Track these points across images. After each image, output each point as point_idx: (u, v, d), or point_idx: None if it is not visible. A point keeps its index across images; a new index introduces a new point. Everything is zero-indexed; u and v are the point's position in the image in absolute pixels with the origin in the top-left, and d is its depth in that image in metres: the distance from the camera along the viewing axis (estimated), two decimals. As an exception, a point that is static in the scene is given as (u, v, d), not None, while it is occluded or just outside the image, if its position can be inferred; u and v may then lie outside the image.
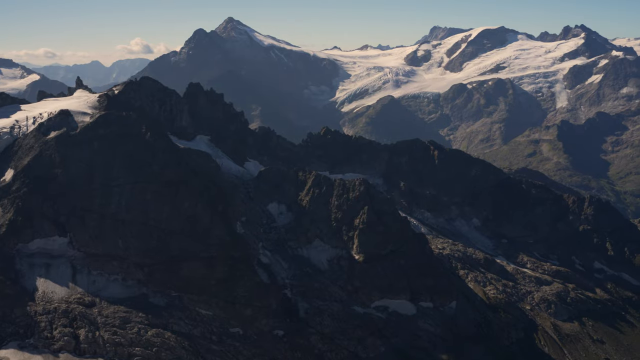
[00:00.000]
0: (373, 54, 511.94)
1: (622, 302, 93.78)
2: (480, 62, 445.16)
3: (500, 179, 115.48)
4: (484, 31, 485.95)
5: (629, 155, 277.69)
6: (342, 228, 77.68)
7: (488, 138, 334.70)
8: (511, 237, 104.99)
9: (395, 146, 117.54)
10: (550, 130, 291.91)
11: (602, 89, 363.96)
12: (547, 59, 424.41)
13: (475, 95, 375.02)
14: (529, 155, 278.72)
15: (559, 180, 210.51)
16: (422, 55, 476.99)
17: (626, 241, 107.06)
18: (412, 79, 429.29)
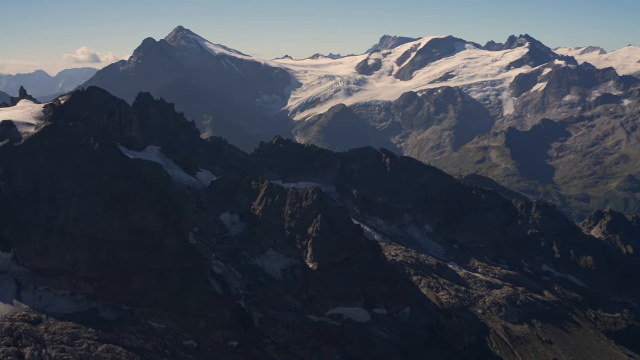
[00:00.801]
0: (324, 63, 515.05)
1: (569, 303, 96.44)
2: (429, 71, 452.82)
3: (451, 186, 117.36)
4: (432, 40, 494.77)
5: (573, 161, 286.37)
6: (296, 237, 77.52)
7: (438, 145, 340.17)
8: (462, 242, 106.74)
9: (348, 154, 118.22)
10: (498, 137, 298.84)
11: (547, 97, 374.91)
12: (494, 68, 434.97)
13: (425, 103, 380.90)
14: (478, 161, 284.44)
15: (507, 186, 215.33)
16: (373, 64, 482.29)
17: (571, 244, 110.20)
18: (363, 88, 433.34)
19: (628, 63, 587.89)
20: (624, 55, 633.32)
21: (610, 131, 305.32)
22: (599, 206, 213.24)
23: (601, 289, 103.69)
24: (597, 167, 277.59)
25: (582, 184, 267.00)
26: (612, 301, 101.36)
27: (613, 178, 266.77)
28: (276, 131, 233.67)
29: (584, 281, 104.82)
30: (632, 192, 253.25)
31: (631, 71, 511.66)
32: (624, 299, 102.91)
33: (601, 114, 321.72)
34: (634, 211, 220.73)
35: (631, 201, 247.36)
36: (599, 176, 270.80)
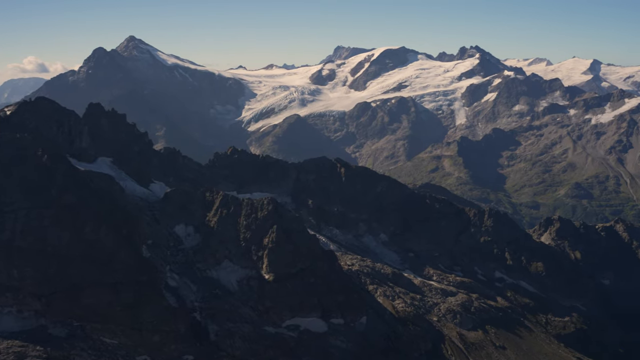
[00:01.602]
0: (278, 73, 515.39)
1: (521, 308, 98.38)
2: (383, 81, 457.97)
3: (406, 195, 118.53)
4: (386, 51, 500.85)
5: (523, 169, 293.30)
6: (251, 248, 76.98)
7: (393, 155, 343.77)
8: (417, 250, 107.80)
9: (303, 164, 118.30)
10: (451, 147, 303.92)
11: (497, 107, 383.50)
12: (446, 78, 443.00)
13: (379, 113, 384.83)
14: (432, 170, 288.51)
15: (460, 194, 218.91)
16: (327, 75, 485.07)
17: (523, 250, 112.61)
18: (318, 98, 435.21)
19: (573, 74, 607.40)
20: (569, 66, 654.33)
21: (557, 140, 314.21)
22: (548, 213, 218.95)
23: (551, 294, 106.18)
24: (546, 175, 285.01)
25: (532, 191, 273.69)
26: (562, 305, 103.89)
27: (561, 186, 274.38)
28: (231, 142, 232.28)
29: (535, 287, 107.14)
30: (579, 199, 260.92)
31: (576, 82, 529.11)
32: (572, 303, 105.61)
33: (549, 123, 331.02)
34: (581, 217, 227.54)
35: (578, 208, 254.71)
36: (547, 184, 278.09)
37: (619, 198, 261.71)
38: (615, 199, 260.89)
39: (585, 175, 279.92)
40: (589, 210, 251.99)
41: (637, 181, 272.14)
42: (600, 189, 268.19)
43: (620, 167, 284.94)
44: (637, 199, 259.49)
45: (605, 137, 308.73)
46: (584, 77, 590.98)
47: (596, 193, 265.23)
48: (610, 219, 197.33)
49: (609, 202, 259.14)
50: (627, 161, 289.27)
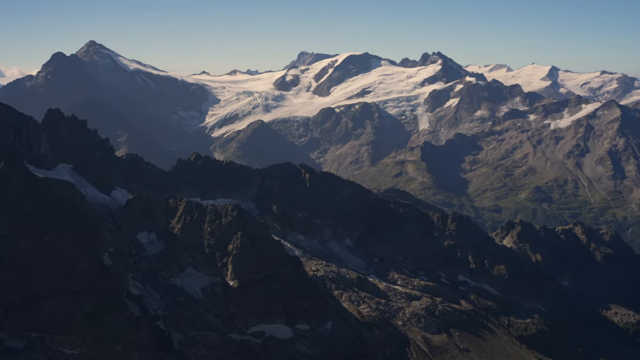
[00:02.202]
0: (242, 79, 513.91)
1: (484, 311, 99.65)
2: (347, 87, 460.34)
3: (370, 200, 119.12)
4: (349, 57, 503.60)
5: (485, 174, 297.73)
6: (216, 254, 76.33)
7: (357, 160, 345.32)
8: (382, 255, 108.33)
9: (267, 170, 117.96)
10: (415, 152, 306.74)
11: (459, 112, 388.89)
12: (409, 84, 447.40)
13: (343, 119, 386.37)
14: (396, 175, 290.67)
15: (424, 199, 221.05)
16: (291, 80, 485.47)
17: (485, 254, 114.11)
18: (282, 104, 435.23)
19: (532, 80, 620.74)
20: (529, 72, 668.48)
21: (518, 145, 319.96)
22: (510, 217, 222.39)
23: (513, 296, 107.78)
24: (507, 180, 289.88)
25: (494, 195, 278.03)
26: (524, 307, 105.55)
27: (522, 190, 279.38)
28: (194, 148, 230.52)
29: (498, 289, 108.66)
30: (540, 203, 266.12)
31: (535, 88, 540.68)
32: (534, 305, 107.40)
33: (510, 128, 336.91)
34: (542, 220, 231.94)
35: (539, 211, 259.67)
36: (509, 188, 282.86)
37: (577, 201, 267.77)
38: (573, 202, 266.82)
39: (545, 179, 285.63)
40: (549, 214, 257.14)
41: (594, 185, 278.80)
42: (560, 192, 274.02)
43: (578, 171, 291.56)
44: (594, 202, 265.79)
45: (563, 141, 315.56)
46: (543, 83, 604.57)
47: (555, 196, 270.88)
48: (569, 221, 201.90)
49: (568, 205, 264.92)
50: (585, 165, 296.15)
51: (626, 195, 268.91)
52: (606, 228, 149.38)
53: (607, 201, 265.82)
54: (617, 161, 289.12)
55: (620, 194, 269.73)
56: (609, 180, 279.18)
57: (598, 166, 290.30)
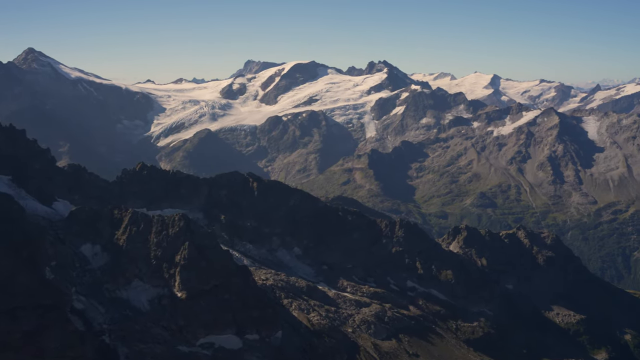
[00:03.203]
0: (188, 88, 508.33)
1: (432, 316, 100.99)
2: (294, 95, 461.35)
3: (318, 208, 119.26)
4: (296, 65, 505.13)
5: (431, 180, 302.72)
6: (163, 266, 74.92)
7: (305, 168, 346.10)
8: (331, 263, 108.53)
9: (214, 179, 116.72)
10: (362, 159, 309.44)
11: (405, 120, 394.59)
12: (356, 92, 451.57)
13: (290, 127, 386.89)
14: (344, 183, 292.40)
15: (372, 206, 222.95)
16: (238, 89, 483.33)
17: (433, 259, 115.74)
18: (229, 112, 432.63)
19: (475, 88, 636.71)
20: (472, 81, 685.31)
21: (463, 152, 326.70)
22: (456, 222, 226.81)
23: (460, 301, 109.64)
24: (453, 186, 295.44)
25: (441, 202, 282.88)
26: (471, 311, 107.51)
27: (467, 195, 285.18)
28: (139, 157, 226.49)
29: (445, 294, 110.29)
30: (484, 208, 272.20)
31: (478, 96, 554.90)
32: (480, 309, 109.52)
33: (454, 135, 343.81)
34: (486, 225, 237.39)
35: (483, 217, 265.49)
36: (455, 194, 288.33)
37: (520, 206, 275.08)
38: (516, 207, 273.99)
39: (489, 185, 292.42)
40: (493, 219, 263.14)
41: (535, 190, 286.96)
42: (503, 197, 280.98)
43: (521, 176, 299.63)
44: (535, 207, 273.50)
45: (506, 148, 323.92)
46: (486, 91, 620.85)
47: (499, 202, 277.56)
48: (512, 226, 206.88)
49: (511, 210, 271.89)
50: (526, 171, 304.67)
51: (565, 200, 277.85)
52: (547, 232, 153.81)
53: (548, 205, 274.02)
54: (556, 167, 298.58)
55: (560, 199, 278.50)
56: (549, 185, 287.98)
57: (539, 172, 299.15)
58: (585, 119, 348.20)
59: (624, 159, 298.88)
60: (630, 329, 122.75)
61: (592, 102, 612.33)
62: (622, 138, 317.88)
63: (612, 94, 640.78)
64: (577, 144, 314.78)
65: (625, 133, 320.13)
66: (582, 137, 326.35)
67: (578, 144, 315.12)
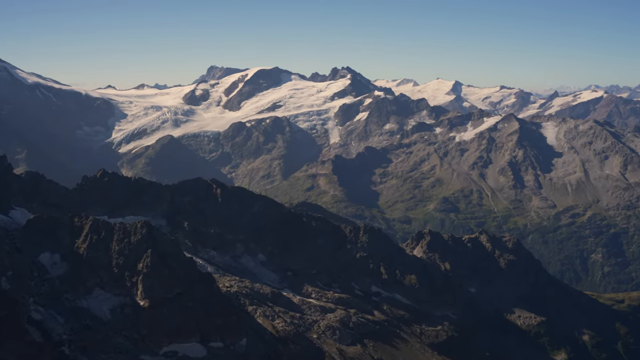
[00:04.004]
0: (150, 93, 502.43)
1: (397, 320, 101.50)
2: (257, 101, 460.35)
3: (283, 214, 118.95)
4: (259, 71, 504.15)
5: (395, 186, 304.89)
6: (125, 274, 73.73)
7: (269, 174, 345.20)
8: (296, 269, 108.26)
9: (178, 186, 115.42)
10: (326, 165, 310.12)
11: (369, 126, 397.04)
12: (319, 98, 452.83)
13: (254, 133, 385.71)
14: (308, 189, 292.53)
15: (336, 212, 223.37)
16: (201, 95, 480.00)
17: (397, 264, 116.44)
18: (192, 118, 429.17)
19: (437, 94, 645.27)
20: (434, 87, 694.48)
21: (426, 157, 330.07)
22: (420, 227, 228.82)
23: (425, 305, 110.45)
24: (416, 191, 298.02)
25: (404, 207, 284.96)
26: (435, 315, 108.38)
27: (430, 200, 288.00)
28: (100, 164, 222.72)
29: (410, 299, 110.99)
30: (447, 213, 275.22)
31: (440, 102, 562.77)
32: (444, 312, 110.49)
33: (417, 141, 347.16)
34: (449, 230, 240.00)
35: (446, 221, 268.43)
36: (418, 199, 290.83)
37: (482, 211, 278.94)
38: (478, 212, 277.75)
39: (451, 190, 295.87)
40: (456, 223, 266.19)
41: (497, 194, 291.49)
42: (466, 202, 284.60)
43: (482, 181, 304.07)
44: (497, 211, 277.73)
45: (468, 153, 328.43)
46: (448, 97, 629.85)
47: (462, 206, 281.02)
48: (475, 230, 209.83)
49: (474, 214, 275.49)
50: (488, 176, 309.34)
51: (526, 204, 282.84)
52: (509, 235, 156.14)
53: (509, 210, 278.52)
54: (517, 171, 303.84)
55: (521, 203, 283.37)
56: (510, 190, 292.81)
57: (500, 176, 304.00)
58: (544, 124, 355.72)
59: (581, 163, 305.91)
60: (588, 330, 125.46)
61: (550, 108, 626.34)
62: (579, 143, 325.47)
63: (569, 100, 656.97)
64: (537, 149, 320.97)
65: (582, 138, 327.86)
66: (541, 142, 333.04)
67: (537, 149, 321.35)
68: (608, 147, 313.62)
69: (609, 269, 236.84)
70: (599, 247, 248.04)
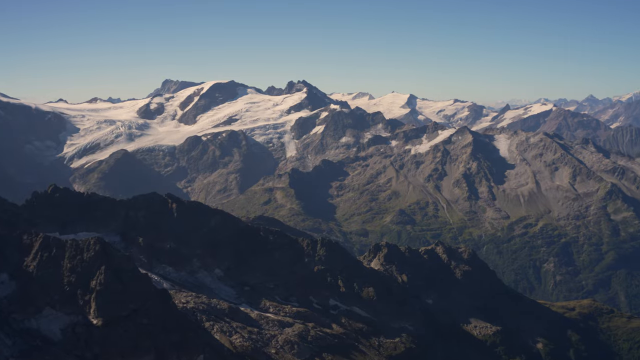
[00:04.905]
0: (103, 107, 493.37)
1: (355, 333, 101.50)
2: (213, 115, 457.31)
3: (239, 228, 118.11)
4: (215, 85, 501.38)
5: (352, 199, 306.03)
6: (77, 292, 71.83)
7: (225, 188, 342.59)
8: (253, 284, 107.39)
9: (132, 201, 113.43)
10: (283, 178, 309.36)
11: (325, 139, 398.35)
12: (276, 112, 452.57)
13: (210, 147, 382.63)
14: (265, 203, 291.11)
15: (293, 225, 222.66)
16: (156, 108, 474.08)
17: (355, 277, 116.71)
18: (146, 132, 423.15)
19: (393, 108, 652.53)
20: (389, 100, 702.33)
21: (382, 170, 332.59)
22: (377, 240, 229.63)
23: (382, 317, 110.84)
24: (373, 204, 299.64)
25: (361, 219, 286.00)
26: (392, 327, 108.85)
27: (387, 213, 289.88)
28: (51, 179, 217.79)
29: (368, 311, 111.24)
30: (404, 225, 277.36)
31: (396, 115, 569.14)
32: (402, 324, 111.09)
33: (373, 154, 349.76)
34: (406, 242, 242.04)
35: (403, 233, 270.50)
36: (375, 212, 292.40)
37: (437, 222, 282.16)
38: (434, 224, 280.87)
39: (408, 202, 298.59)
40: (412, 235, 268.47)
41: (452, 206, 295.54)
42: (422, 214, 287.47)
43: (438, 193, 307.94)
44: (452, 223, 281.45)
45: (423, 166, 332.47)
46: (403, 111, 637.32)
47: (418, 218, 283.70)
48: (431, 242, 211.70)
49: (430, 226, 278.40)
50: (443, 188, 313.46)
51: (480, 215, 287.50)
52: (464, 247, 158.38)
53: (464, 221, 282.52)
54: (471, 183, 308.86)
55: (475, 214, 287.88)
56: (465, 202, 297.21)
57: (455, 188, 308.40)
58: (496, 137, 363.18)
59: (532, 175, 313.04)
60: (542, 338, 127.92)
61: (502, 121, 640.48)
62: (531, 155, 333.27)
63: (521, 113, 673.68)
64: (490, 161, 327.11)
65: (533, 150, 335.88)
66: (494, 154, 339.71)
67: (491, 161, 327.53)
68: (558, 159, 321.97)
69: (560, 277, 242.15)
70: (550, 256, 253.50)
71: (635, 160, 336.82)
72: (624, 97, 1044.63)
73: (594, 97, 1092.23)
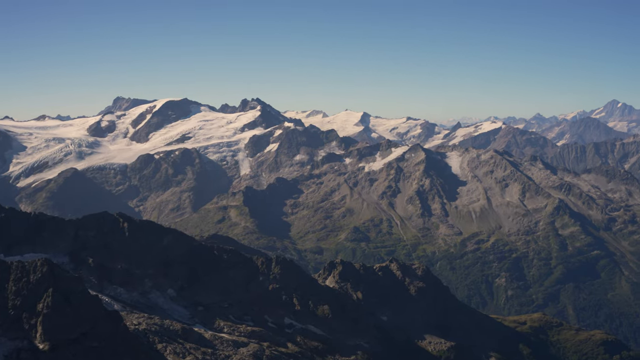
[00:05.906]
0: (52, 125, 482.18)
1: (311, 352, 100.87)
2: (166, 133, 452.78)
3: (193, 247, 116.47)
4: (168, 102, 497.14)
5: (306, 216, 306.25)
6: (23, 316, 69.37)
7: (178, 207, 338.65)
8: (207, 303, 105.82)
9: (82, 221, 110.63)
10: (237, 197, 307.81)
11: (279, 157, 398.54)
12: (229, 129, 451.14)
13: (163, 165, 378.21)
14: (219, 221, 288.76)
15: (248, 244, 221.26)
16: (107, 126, 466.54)
17: (310, 295, 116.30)
18: (97, 150, 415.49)
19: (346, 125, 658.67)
20: (343, 118, 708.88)
21: (336, 187, 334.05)
22: (331, 257, 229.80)
23: (338, 335, 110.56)
24: (327, 221, 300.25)
25: (316, 237, 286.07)
26: (348, 345, 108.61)
27: (341, 230, 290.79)
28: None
29: (323, 329, 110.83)
30: (358, 242, 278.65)
31: (349, 133, 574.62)
32: (357, 342, 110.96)
33: (328, 172, 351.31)
34: (361, 259, 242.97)
35: (357, 250, 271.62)
36: (329, 229, 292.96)
37: (391, 239, 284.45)
38: (388, 240, 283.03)
39: (362, 219, 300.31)
40: (367, 252, 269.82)
41: (406, 223, 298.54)
42: (376, 231, 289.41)
43: (392, 210, 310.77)
44: (406, 239, 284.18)
45: (377, 183, 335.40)
46: (356, 128, 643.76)
47: (372, 235, 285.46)
48: (385, 259, 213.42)
49: (384, 243, 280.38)
50: (397, 205, 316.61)
51: (433, 232, 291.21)
52: (418, 263, 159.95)
53: (417, 238, 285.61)
54: (424, 200, 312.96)
55: (429, 231, 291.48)
56: (418, 218, 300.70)
57: (408, 205, 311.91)
58: (448, 154, 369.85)
59: (484, 191, 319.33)
60: (495, 352, 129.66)
61: (454, 138, 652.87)
62: (482, 172, 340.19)
63: (471, 131, 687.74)
64: (443, 178, 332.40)
65: (484, 167, 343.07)
66: (446, 171, 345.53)
67: (443, 178, 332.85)
68: (508, 176, 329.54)
69: (512, 292, 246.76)
70: (502, 271, 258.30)
71: (580, 177, 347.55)
72: (569, 116, 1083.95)
73: (541, 116, 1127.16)
